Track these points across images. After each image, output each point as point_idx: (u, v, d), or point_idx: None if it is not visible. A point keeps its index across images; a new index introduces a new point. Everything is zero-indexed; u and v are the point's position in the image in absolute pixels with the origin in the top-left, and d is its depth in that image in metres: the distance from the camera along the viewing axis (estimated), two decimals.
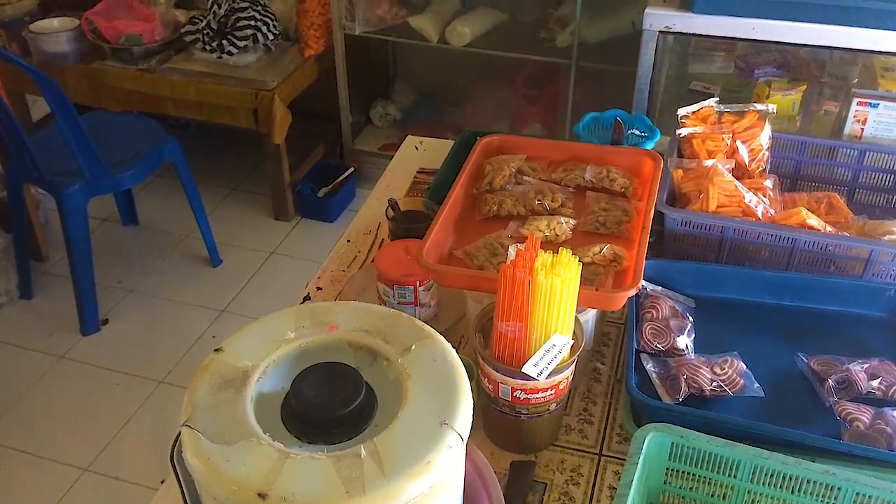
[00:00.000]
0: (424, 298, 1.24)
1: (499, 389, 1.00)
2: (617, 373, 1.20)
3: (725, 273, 1.27)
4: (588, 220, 1.22)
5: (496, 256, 1.13)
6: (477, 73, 3.23)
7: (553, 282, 0.90)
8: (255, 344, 0.79)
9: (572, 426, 1.12)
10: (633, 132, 1.53)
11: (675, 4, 1.94)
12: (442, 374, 0.76)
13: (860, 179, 1.48)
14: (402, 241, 1.26)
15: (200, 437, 0.70)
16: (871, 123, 1.60)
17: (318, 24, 2.97)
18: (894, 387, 1.08)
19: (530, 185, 1.29)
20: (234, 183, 3.37)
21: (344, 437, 0.72)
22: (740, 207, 1.31)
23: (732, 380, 1.08)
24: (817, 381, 1.11)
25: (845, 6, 1.78)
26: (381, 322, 0.82)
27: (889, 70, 1.90)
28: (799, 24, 1.83)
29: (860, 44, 1.82)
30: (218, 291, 2.83)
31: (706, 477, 0.93)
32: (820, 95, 2.02)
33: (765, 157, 1.43)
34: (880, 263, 1.24)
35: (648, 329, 1.15)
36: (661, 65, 2.11)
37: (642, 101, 2.07)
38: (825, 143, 1.50)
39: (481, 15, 2.95)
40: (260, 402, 0.74)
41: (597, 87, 2.78)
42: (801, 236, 1.25)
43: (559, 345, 0.95)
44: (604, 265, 1.13)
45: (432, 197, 1.41)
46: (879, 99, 1.59)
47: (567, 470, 1.06)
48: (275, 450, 0.69)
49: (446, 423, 0.71)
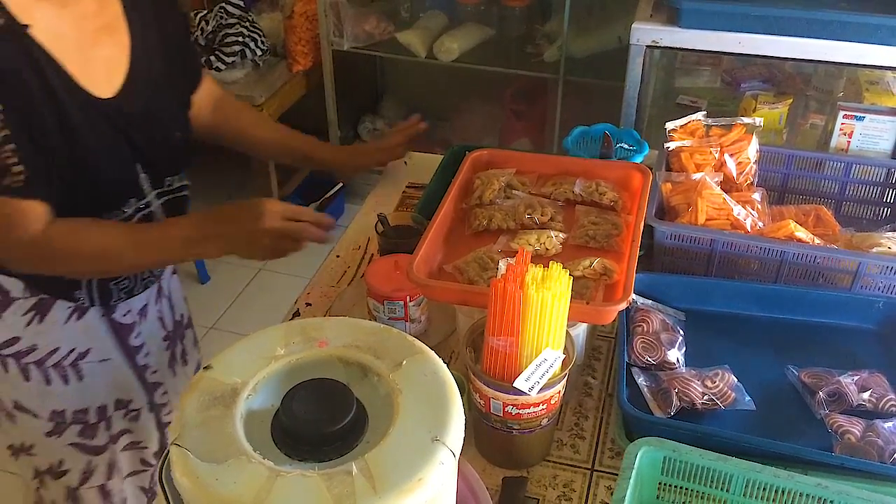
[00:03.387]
0: (415, 314, 1.23)
1: (490, 405, 0.99)
2: (608, 387, 1.20)
3: (715, 286, 1.27)
4: (578, 234, 1.22)
5: (486, 271, 1.13)
6: (465, 88, 3.24)
7: (544, 296, 0.90)
8: (244, 361, 0.78)
9: (564, 441, 1.11)
10: (622, 146, 1.54)
11: (662, 19, 1.95)
12: (433, 389, 0.76)
13: (847, 192, 1.49)
14: (392, 256, 1.25)
15: (189, 455, 0.69)
16: (857, 136, 1.61)
17: (305, 39, 2.97)
18: (885, 399, 1.08)
19: (520, 199, 1.29)
20: (223, 198, 3.30)
21: (335, 454, 0.71)
22: (729, 220, 1.31)
23: (724, 393, 1.08)
24: (808, 394, 1.11)
25: (829, 21, 1.80)
26: (371, 338, 0.81)
27: (874, 83, 1.92)
28: (784, 39, 1.84)
29: (845, 57, 1.84)
30: (206, 308, 2.81)
31: (699, 491, 0.93)
32: (806, 109, 2.04)
33: (752, 170, 1.44)
34: (868, 276, 1.24)
35: (639, 343, 1.15)
36: (649, 79, 2.12)
37: (630, 115, 2.08)
38: (812, 156, 1.51)
39: (469, 30, 2.96)
40: (250, 420, 0.74)
41: (584, 102, 2.79)
42: (790, 249, 1.25)
43: (550, 359, 0.94)
44: (594, 279, 1.13)
45: (422, 212, 1.41)
46: (865, 112, 1.61)
47: (559, 485, 1.06)
48: (265, 468, 0.68)
49: (438, 440, 0.70)
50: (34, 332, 1.27)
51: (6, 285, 1.23)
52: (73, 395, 1.33)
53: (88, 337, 1.32)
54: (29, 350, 1.27)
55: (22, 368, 1.28)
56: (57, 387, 1.31)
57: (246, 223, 1.18)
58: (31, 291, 1.25)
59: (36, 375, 1.29)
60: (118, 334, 1.36)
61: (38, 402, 1.31)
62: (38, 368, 1.29)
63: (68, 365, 1.31)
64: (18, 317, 1.25)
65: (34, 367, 1.28)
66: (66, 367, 1.31)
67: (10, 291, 1.24)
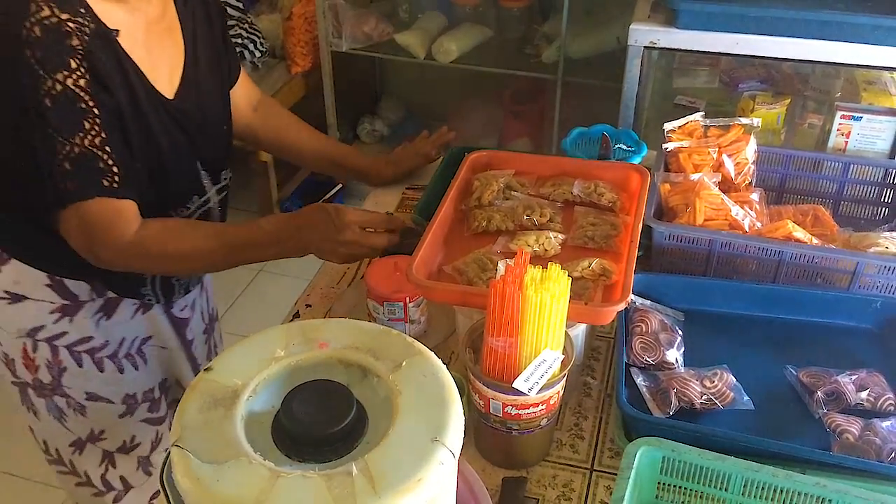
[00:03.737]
0: (414, 315, 1.23)
1: (490, 405, 0.99)
2: (607, 387, 1.20)
3: (713, 286, 1.27)
4: (576, 235, 1.22)
5: (486, 272, 1.13)
6: (463, 89, 3.24)
7: (543, 296, 0.91)
8: (244, 362, 0.78)
9: (563, 441, 1.12)
10: (620, 147, 1.54)
11: (660, 20, 1.95)
12: (433, 390, 0.76)
13: (845, 192, 1.50)
14: (392, 258, 1.26)
15: (190, 456, 0.69)
16: (854, 136, 1.62)
17: (304, 41, 2.97)
18: (882, 398, 1.09)
19: (519, 200, 1.30)
20: None
21: (335, 454, 0.72)
22: (727, 221, 1.32)
23: (722, 393, 1.09)
24: (806, 394, 1.12)
25: (827, 21, 1.80)
26: (371, 339, 0.81)
27: (871, 83, 1.92)
28: (782, 39, 1.84)
29: (842, 58, 1.84)
30: None
31: (698, 490, 0.93)
32: (803, 109, 2.03)
33: (750, 170, 1.44)
34: (866, 275, 1.25)
35: (638, 343, 1.15)
36: (647, 80, 2.13)
37: (628, 116, 2.08)
38: (810, 156, 1.51)
39: (467, 31, 2.96)
40: (250, 421, 0.74)
41: (583, 103, 2.79)
42: (788, 249, 1.26)
43: (550, 359, 0.95)
44: (593, 279, 1.13)
45: (421, 213, 1.41)
46: (862, 112, 1.61)
47: (559, 485, 1.06)
48: (266, 469, 0.68)
49: (437, 440, 0.71)
50: (104, 329, 1.33)
51: (74, 289, 1.28)
52: (142, 378, 1.41)
53: (151, 326, 1.40)
54: (102, 346, 1.34)
55: (96, 362, 1.34)
56: (129, 374, 1.39)
57: (327, 233, 1.22)
58: (98, 293, 1.30)
59: (109, 366, 1.36)
60: (176, 328, 1.46)
61: (112, 389, 1.38)
62: (111, 360, 1.36)
63: (135, 352, 1.39)
64: (88, 318, 1.31)
65: (108, 360, 1.35)
66: (135, 354, 1.39)
67: (79, 295, 1.29)
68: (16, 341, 1.31)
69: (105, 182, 1.11)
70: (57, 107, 1.07)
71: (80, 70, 1.07)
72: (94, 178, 1.10)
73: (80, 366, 1.33)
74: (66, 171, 1.09)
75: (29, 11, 1.04)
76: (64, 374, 1.33)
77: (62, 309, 1.29)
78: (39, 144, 1.08)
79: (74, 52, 1.07)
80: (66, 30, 1.06)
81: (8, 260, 1.26)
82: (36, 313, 1.28)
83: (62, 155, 1.08)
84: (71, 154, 1.08)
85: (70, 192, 1.11)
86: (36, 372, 1.33)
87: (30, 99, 1.06)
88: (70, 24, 1.06)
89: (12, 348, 1.32)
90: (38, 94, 1.06)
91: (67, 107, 1.07)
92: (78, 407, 1.37)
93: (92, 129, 1.09)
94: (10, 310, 1.28)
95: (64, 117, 1.07)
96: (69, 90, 1.07)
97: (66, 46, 1.06)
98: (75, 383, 1.35)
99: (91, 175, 1.10)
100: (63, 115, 1.07)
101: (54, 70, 1.06)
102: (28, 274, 1.26)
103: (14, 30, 1.04)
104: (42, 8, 1.05)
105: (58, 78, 1.06)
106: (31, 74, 1.05)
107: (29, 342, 1.30)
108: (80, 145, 1.09)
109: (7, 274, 1.27)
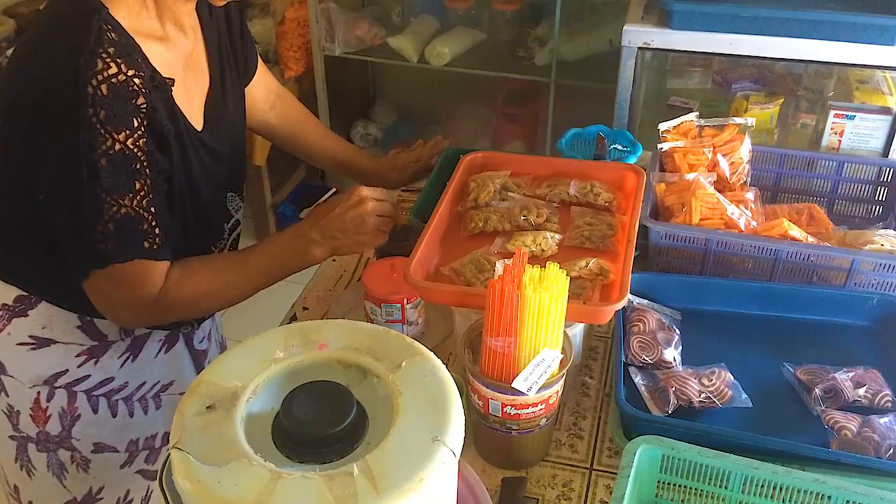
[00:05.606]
0: (412, 316, 1.23)
1: (489, 405, 0.99)
2: (606, 387, 1.20)
3: (710, 285, 1.28)
4: (573, 235, 1.23)
5: (483, 272, 1.14)
6: (457, 92, 3.25)
7: (542, 296, 0.91)
8: (243, 364, 0.78)
9: (562, 441, 1.12)
10: (616, 147, 1.54)
11: (653, 21, 1.96)
12: (433, 390, 0.76)
13: (839, 190, 1.51)
14: (389, 259, 1.26)
15: (190, 458, 0.69)
16: (847, 135, 1.63)
17: (297, 45, 2.97)
18: (880, 394, 1.09)
19: (515, 201, 1.30)
20: None
21: (336, 455, 0.71)
22: (723, 220, 1.32)
23: (720, 391, 1.09)
24: (804, 391, 1.12)
25: (819, 21, 1.81)
26: (370, 339, 0.81)
27: (864, 82, 1.93)
28: (774, 39, 1.85)
29: (835, 57, 1.85)
30: None
31: (697, 488, 0.93)
32: (797, 108, 2.04)
33: (745, 169, 1.44)
34: (862, 273, 1.25)
35: (636, 342, 1.15)
36: (641, 81, 2.13)
37: (623, 117, 2.09)
38: (804, 155, 1.52)
39: (460, 35, 2.96)
40: (250, 423, 0.74)
41: (576, 105, 2.79)
42: (784, 247, 1.26)
43: (548, 359, 0.95)
44: (590, 279, 1.13)
45: (417, 215, 1.41)
46: (855, 111, 1.62)
47: (559, 485, 1.06)
48: (266, 470, 0.68)
49: (438, 440, 0.70)
50: (127, 370, 1.28)
51: (104, 329, 1.24)
52: (150, 423, 1.34)
53: (174, 368, 1.35)
54: (120, 388, 1.28)
55: (111, 405, 1.28)
56: (138, 417, 1.32)
57: (350, 209, 1.17)
58: (127, 332, 1.26)
59: (122, 409, 1.30)
60: (196, 362, 1.40)
61: (118, 436, 1.32)
62: (125, 403, 1.30)
63: (151, 396, 1.33)
64: (115, 359, 1.26)
65: (122, 403, 1.29)
66: (149, 398, 1.33)
67: (108, 335, 1.24)
68: (28, 391, 1.23)
69: (146, 244, 1.06)
70: (112, 167, 1.01)
71: (141, 130, 1.03)
72: (136, 241, 1.05)
73: (95, 412, 1.27)
74: (108, 232, 1.03)
75: (96, 69, 0.98)
76: (76, 424, 1.26)
77: (89, 351, 1.23)
78: (86, 203, 1.01)
79: (138, 112, 1.02)
80: (133, 89, 1.01)
81: (37, 303, 1.19)
82: (61, 358, 1.22)
83: (108, 216, 1.02)
84: (117, 216, 1.03)
85: (110, 253, 1.05)
86: (45, 424, 1.25)
87: (84, 157, 0.99)
88: (136, 80, 1.02)
89: (21, 399, 1.24)
90: (95, 154, 0.99)
91: (122, 167, 1.02)
92: (82, 462, 1.30)
93: (142, 189, 1.04)
94: (31, 357, 1.22)
95: (117, 178, 1.02)
96: (127, 150, 1.02)
97: (131, 106, 1.01)
98: (85, 433, 1.28)
99: (134, 238, 1.05)
100: (117, 176, 1.01)
101: (117, 130, 1.00)
102: (58, 316, 1.20)
103: (80, 87, 0.97)
104: (110, 66, 0.99)
105: (119, 138, 1.00)
106: (90, 133, 0.99)
107: (44, 390, 1.23)
108: (128, 206, 1.03)
109: (35, 318, 1.20)
